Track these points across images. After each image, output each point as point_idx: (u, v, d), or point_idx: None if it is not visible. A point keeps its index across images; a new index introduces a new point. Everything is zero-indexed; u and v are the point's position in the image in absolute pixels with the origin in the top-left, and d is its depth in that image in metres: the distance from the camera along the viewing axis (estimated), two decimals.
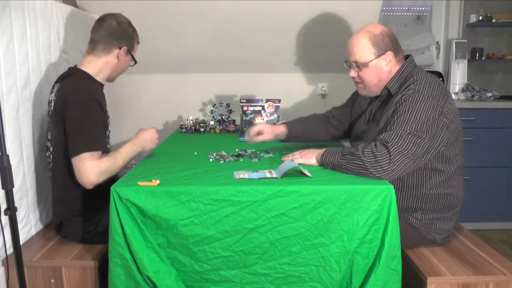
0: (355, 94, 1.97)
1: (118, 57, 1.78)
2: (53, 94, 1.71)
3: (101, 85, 1.80)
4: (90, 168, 1.54)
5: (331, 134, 2.05)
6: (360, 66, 1.65)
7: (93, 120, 1.62)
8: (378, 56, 1.62)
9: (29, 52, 1.74)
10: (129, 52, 1.82)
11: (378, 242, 1.35)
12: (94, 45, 1.76)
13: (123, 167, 1.66)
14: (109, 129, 1.86)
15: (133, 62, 1.87)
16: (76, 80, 1.70)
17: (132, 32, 1.83)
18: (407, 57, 1.69)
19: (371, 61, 1.63)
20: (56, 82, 1.75)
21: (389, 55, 1.63)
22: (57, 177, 1.72)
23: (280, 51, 2.81)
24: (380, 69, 1.64)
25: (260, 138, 1.94)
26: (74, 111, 1.59)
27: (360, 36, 1.64)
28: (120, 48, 1.77)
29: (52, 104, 1.68)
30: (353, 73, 1.69)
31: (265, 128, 1.95)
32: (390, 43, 1.63)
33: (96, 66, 1.76)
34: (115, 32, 1.76)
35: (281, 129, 1.99)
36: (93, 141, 1.58)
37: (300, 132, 2.01)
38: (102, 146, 1.63)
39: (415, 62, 1.68)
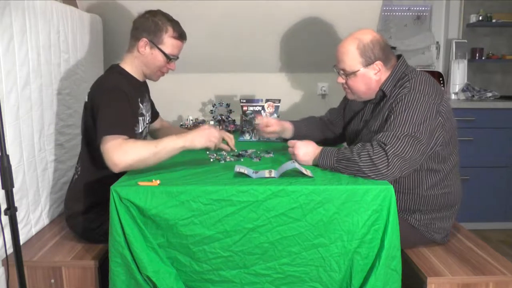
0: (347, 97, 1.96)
1: (139, 50, 1.72)
2: None
3: (137, 81, 1.78)
4: (112, 148, 1.45)
5: (329, 138, 2.03)
6: (347, 74, 1.64)
7: (115, 106, 1.57)
8: (366, 65, 1.60)
9: (29, 52, 1.74)
10: (154, 44, 1.70)
11: (378, 242, 1.35)
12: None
13: (157, 154, 1.47)
14: (146, 123, 1.85)
15: (163, 56, 1.73)
16: (106, 74, 1.74)
17: (157, 24, 1.69)
18: (398, 57, 1.67)
19: (358, 70, 1.61)
20: None
21: (378, 64, 1.60)
22: (84, 167, 1.75)
23: (280, 51, 2.81)
24: (368, 78, 1.62)
25: (269, 130, 1.90)
26: (98, 100, 1.59)
27: (349, 44, 1.61)
28: (139, 40, 1.71)
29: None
30: (341, 79, 1.69)
31: (270, 121, 1.92)
32: (380, 52, 1.60)
33: (129, 61, 1.76)
34: (136, 24, 1.74)
35: (288, 126, 1.96)
36: (114, 125, 1.52)
37: (302, 134, 1.98)
38: (126, 131, 1.53)
39: (406, 62, 1.67)
